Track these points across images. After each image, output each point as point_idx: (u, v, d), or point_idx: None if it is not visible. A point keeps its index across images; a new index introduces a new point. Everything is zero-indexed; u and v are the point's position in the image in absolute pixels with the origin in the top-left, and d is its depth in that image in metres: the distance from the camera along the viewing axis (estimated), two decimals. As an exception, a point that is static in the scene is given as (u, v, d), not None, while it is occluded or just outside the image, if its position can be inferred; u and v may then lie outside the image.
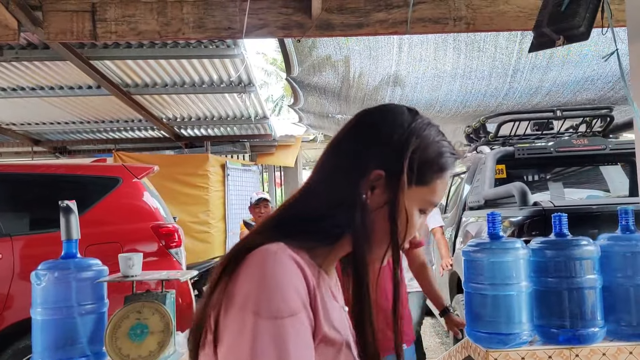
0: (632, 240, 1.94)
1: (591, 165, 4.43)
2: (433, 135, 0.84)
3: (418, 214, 0.84)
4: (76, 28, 3.23)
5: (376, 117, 0.85)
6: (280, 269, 0.70)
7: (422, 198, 0.83)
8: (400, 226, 0.80)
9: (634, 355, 1.86)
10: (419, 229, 0.86)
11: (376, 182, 0.80)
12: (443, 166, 0.83)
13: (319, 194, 0.82)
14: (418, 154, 0.81)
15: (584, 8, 2.17)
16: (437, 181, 0.83)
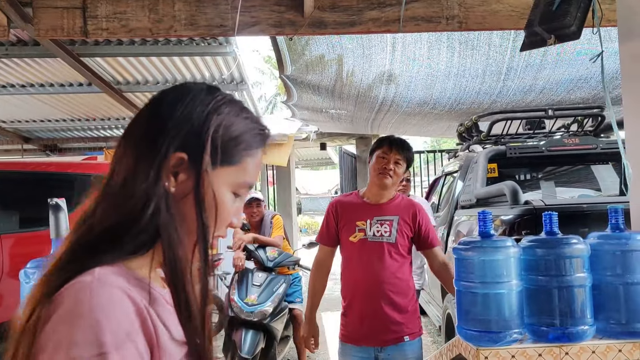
0: (621, 238, 1.95)
1: (582, 165, 4.46)
2: (237, 111, 0.78)
3: (231, 197, 0.78)
4: (67, 25, 3.20)
5: (172, 97, 0.77)
6: (97, 301, 0.62)
7: (233, 179, 0.78)
8: (208, 211, 0.74)
9: (622, 353, 1.87)
10: (236, 214, 0.80)
11: (179, 167, 0.73)
12: (251, 143, 0.79)
13: (117, 195, 0.72)
14: (221, 132, 0.75)
15: (575, 7, 2.18)
16: (247, 159, 0.78)
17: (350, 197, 2.66)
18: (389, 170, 2.45)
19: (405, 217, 2.50)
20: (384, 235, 2.46)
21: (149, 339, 0.66)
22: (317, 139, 9.70)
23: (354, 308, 2.51)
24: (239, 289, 4.11)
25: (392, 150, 2.48)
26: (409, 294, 2.52)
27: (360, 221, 2.51)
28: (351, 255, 2.53)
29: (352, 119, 6.58)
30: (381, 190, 2.51)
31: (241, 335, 3.91)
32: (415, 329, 2.51)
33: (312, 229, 21.26)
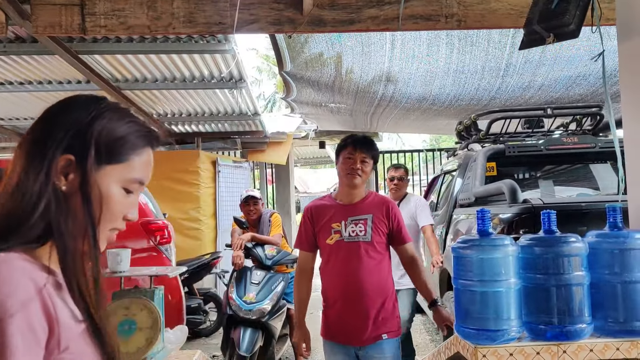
0: (619, 237, 1.96)
1: (581, 164, 4.46)
2: (120, 116, 0.88)
3: (121, 192, 0.87)
4: (65, 22, 3.19)
5: (61, 107, 0.88)
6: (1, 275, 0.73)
7: (120, 176, 0.86)
8: (95, 206, 0.83)
9: (620, 351, 1.87)
10: (129, 208, 0.89)
11: (68, 168, 0.83)
12: (136, 143, 0.88)
13: (13, 193, 0.81)
14: (104, 133, 0.84)
15: (574, 6, 2.18)
16: (133, 158, 0.88)
17: (324, 200, 2.70)
18: (357, 170, 2.49)
19: (379, 215, 2.52)
20: (360, 235, 2.48)
21: (47, 315, 0.75)
22: (316, 137, 9.68)
23: (334, 307, 2.54)
24: (237, 287, 4.11)
25: (357, 150, 2.52)
26: (387, 292, 2.52)
27: (335, 223, 2.54)
28: (329, 257, 2.57)
29: (351, 112, 6.56)
30: (352, 190, 2.55)
31: (239, 333, 3.91)
32: (393, 327, 2.51)
33: (311, 227, 21.22)
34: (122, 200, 0.88)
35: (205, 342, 5.75)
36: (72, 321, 0.80)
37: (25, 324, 0.72)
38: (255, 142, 8.64)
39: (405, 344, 3.68)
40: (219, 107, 6.84)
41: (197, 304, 5.65)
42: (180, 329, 2.51)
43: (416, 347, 4.59)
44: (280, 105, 23.27)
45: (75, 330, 0.80)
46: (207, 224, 7.15)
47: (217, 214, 7.44)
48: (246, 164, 8.83)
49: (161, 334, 2.07)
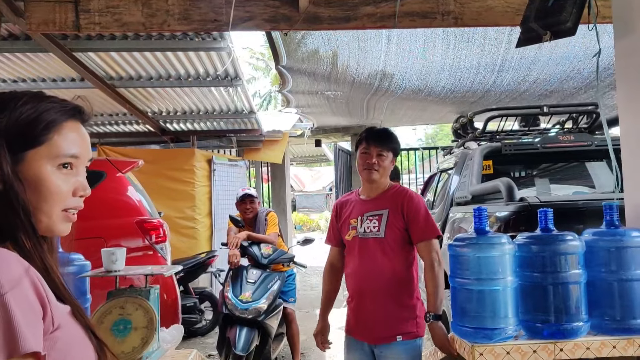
0: (616, 235, 1.95)
1: (577, 162, 4.46)
2: (26, 101, 0.87)
3: (57, 172, 0.87)
4: (58, 19, 3.17)
5: None
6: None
7: (47, 157, 0.86)
8: (30, 195, 0.84)
9: (617, 349, 1.87)
10: (74, 185, 0.88)
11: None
12: (51, 121, 0.87)
13: None
14: (11, 122, 0.84)
15: (571, 4, 2.18)
16: (52, 136, 0.86)
17: (350, 196, 2.66)
18: (373, 164, 2.42)
19: (395, 209, 2.41)
20: (373, 231, 2.42)
21: (39, 294, 0.77)
22: (312, 135, 9.67)
23: (351, 303, 2.52)
24: (233, 286, 4.09)
25: (372, 144, 2.45)
26: (403, 291, 2.40)
27: (353, 219, 2.50)
28: (348, 253, 2.54)
29: (347, 101, 6.52)
30: (370, 185, 2.49)
31: (235, 332, 3.89)
32: (410, 328, 2.38)
33: (307, 226, 21.25)
34: (61, 180, 0.87)
35: (201, 342, 5.73)
36: (58, 302, 0.82)
37: (23, 299, 0.73)
38: (251, 140, 8.62)
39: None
40: (215, 105, 6.82)
41: (193, 303, 5.64)
42: (176, 328, 2.49)
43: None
44: (276, 103, 23.26)
45: (63, 309, 0.82)
46: (202, 223, 7.12)
47: (212, 212, 7.42)
48: (242, 162, 8.81)
49: (156, 333, 2.06)
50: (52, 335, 0.78)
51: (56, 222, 0.87)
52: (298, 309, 5.51)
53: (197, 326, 5.78)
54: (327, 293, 2.68)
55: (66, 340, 0.80)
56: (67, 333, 0.81)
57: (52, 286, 0.83)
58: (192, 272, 5.78)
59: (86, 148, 0.92)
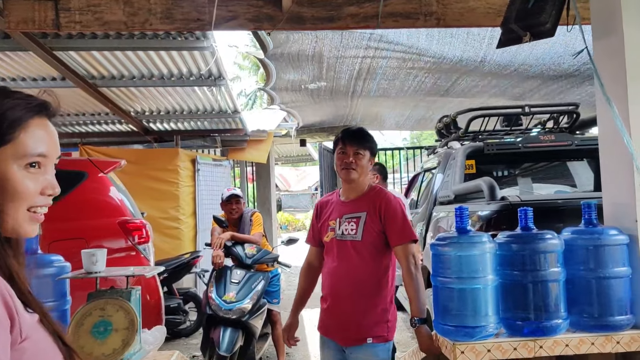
0: (594, 234, 1.99)
1: (558, 161, 4.52)
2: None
3: (23, 172, 0.84)
4: (38, 17, 3.13)
5: None
6: None
7: (13, 156, 0.83)
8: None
9: (595, 346, 1.90)
10: (42, 184, 0.86)
11: None
12: (17, 118, 0.84)
13: None
14: None
15: (551, 5, 2.20)
16: (19, 134, 0.84)
17: (331, 196, 2.66)
18: (351, 163, 2.41)
19: (372, 212, 2.40)
20: (350, 234, 2.41)
21: (8, 309, 0.75)
22: (297, 135, 9.65)
23: (324, 303, 2.52)
24: (217, 286, 4.07)
25: (348, 143, 2.44)
26: (378, 295, 2.38)
27: (332, 220, 2.50)
28: (326, 254, 2.55)
29: (331, 92, 6.45)
30: (349, 185, 2.48)
31: (219, 333, 3.88)
32: (381, 332, 2.36)
33: (293, 225, 21.23)
34: (28, 179, 0.84)
35: (186, 342, 5.70)
36: (26, 312, 0.80)
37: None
38: (236, 140, 8.58)
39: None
40: (198, 105, 6.78)
41: (177, 304, 5.60)
42: (158, 329, 2.47)
43: (397, 344, 4.59)
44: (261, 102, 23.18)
45: (31, 319, 0.81)
46: (186, 223, 7.08)
47: (196, 212, 7.38)
48: (226, 162, 8.76)
49: (138, 334, 2.04)
50: (20, 346, 0.76)
51: (22, 223, 0.84)
52: (283, 309, 5.50)
53: (181, 327, 5.74)
54: (301, 291, 2.68)
55: (34, 351, 0.79)
56: (35, 343, 0.80)
57: (18, 293, 0.81)
58: (176, 273, 5.74)
59: (54, 145, 0.89)
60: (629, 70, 2.01)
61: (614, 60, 2.07)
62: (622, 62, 2.02)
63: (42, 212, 0.87)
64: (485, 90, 5.94)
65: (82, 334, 1.98)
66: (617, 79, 2.06)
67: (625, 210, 2.04)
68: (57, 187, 0.88)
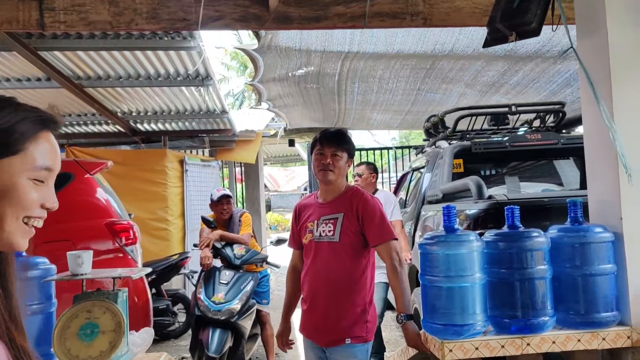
0: (580, 231, 2.01)
1: (545, 160, 4.56)
2: (1, 106, 0.85)
3: (29, 184, 0.84)
4: (22, 17, 3.09)
5: None
6: None
7: (21, 167, 0.83)
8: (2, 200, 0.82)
9: (581, 343, 1.92)
10: (43, 198, 0.86)
11: None
12: (27, 130, 0.84)
13: None
14: None
15: (536, 5, 2.22)
16: (28, 146, 0.84)
17: (309, 198, 2.66)
18: (328, 165, 2.41)
19: (350, 213, 2.40)
20: (328, 235, 2.41)
21: None
22: (286, 135, 9.64)
23: (306, 305, 2.53)
24: (205, 287, 4.05)
25: (325, 145, 2.45)
26: (356, 296, 2.38)
27: (310, 222, 2.51)
28: (305, 256, 2.55)
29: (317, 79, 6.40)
30: (327, 187, 2.49)
31: (208, 334, 3.86)
32: (360, 332, 2.37)
33: (282, 226, 21.19)
34: (32, 191, 0.84)
35: (175, 344, 5.66)
36: None
37: None
38: (224, 140, 8.55)
39: (374, 340, 3.69)
40: (186, 105, 6.75)
41: (166, 306, 5.56)
42: (146, 331, 2.46)
43: (386, 344, 4.63)
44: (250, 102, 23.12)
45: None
46: (175, 224, 7.04)
47: (185, 213, 7.34)
48: (214, 162, 8.73)
49: (125, 336, 2.02)
50: None
51: (16, 232, 0.83)
52: (273, 310, 5.49)
53: (170, 328, 5.71)
54: (289, 295, 2.68)
55: None
56: None
57: None
58: (165, 274, 5.70)
59: (58, 160, 0.89)
60: (613, 69, 2.03)
61: (599, 59, 2.10)
62: (606, 61, 2.04)
63: (35, 224, 0.86)
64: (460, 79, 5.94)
65: (69, 336, 1.96)
66: (601, 77, 2.08)
67: (610, 208, 2.06)
68: (56, 203, 0.88)
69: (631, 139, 2.00)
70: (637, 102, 2.04)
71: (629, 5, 2.05)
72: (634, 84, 2.04)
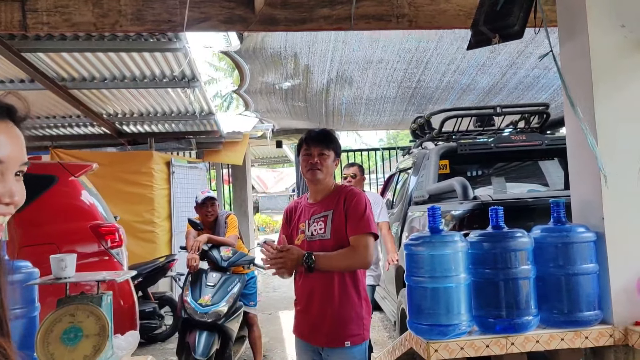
0: (562, 231, 2.03)
1: (530, 161, 4.60)
2: None
3: None
4: (4, 18, 3.05)
5: None
6: None
7: None
8: None
9: (565, 342, 1.94)
10: (4, 191, 0.82)
11: None
12: None
13: None
14: None
15: (518, 7, 2.25)
16: None
17: (299, 200, 2.67)
18: (316, 164, 2.43)
19: (338, 208, 2.41)
20: (319, 233, 2.42)
21: None
22: (273, 137, 9.63)
23: (299, 305, 2.52)
24: (192, 289, 4.03)
25: (312, 145, 2.46)
26: (350, 293, 2.38)
27: (301, 223, 2.52)
28: None
29: (305, 94, 6.45)
30: (315, 186, 2.50)
31: (195, 337, 3.84)
32: (357, 330, 2.37)
33: (270, 227, 21.17)
34: None
35: (162, 347, 5.63)
36: None
37: None
38: (211, 142, 8.51)
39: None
40: (172, 107, 6.71)
41: (152, 309, 5.52)
42: (131, 334, 2.44)
43: (374, 344, 4.64)
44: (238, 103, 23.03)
45: None
46: (161, 227, 6.99)
47: (172, 216, 7.30)
48: (201, 164, 8.69)
49: (109, 340, 2.01)
50: None
51: None
52: (260, 312, 5.48)
53: (157, 332, 5.67)
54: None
55: None
56: None
57: None
58: (152, 277, 5.66)
59: (15, 151, 0.84)
60: (594, 72, 2.06)
61: (580, 61, 2.12)
62: (587, 63, 2.07)
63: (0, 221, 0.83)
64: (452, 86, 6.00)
65: (52, 340, 1.94)
66: (583, 80, 2.11)
67: (592, 208, 2.09)
68: (16, 195, 0.83)
69: (611, 140, 2.03)
70: (618, 103, 2.07)
71: (610, 9, 2.08)
72: (615, 86, 2.07)
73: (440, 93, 6.13)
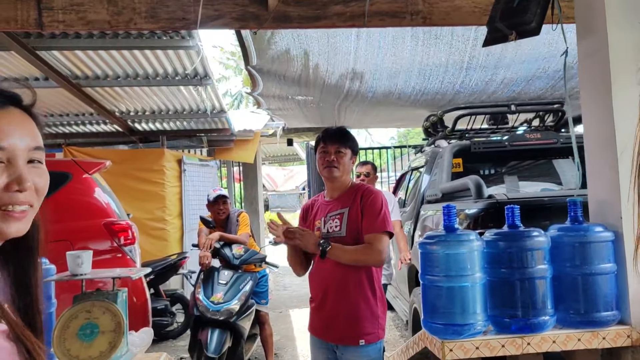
0: (580, 231, 2.00)
1: (544, 159, 4.55)
2: None
3: None
4: (20, 16, 3.07)
5: None
6: None
7: None
8: None
9: (582, 342, 1.92)
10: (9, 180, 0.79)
11: None
12: None
13: None
14: None
15: (535, 4, 2.22)
16: None
17: (317, 198, 2.68)
18: (333, 161, 2.44)
19: (354, 206, 2.41)
20: (335, 230, 2.42)
21: None
22: (284, 134, 9.64)
23: (314, 303, 2.51)
24: (204, 287, 4.05)
25: (329, 143, 2.47)
26: (366, 291, 2.37)
27: (317, 220, 2.52)
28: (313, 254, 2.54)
29: (318, 104, 6.52)
30: (332, 184, 2.51)
31: (207, 334, 3.85)
32: (372, 329, 2.35)
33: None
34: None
35: (173, 344, 5.66)
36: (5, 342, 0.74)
37: None
38: (222, 140, 8.54)
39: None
40: (184, 105, 6.74)
41: (164, 306, 5.55)
42: (145, 331, 2.45)
43: (385, 344, 4.61)
44: (247, 102, 23.10)
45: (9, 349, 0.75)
46: (173, 224, 7.03)
47: (183, 213, 7.33)
48: (213, 162, 8.72)
49: (125, 337, 2.02)
50: None
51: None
52: (272, 310, 5.49)
53: (168, 329, 5.70)
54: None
55: None
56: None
57: None
58: (163, 274, 5.69)
59: (20, 136, 0.80)
60: (613, 68, 2.03)
61: (598, 58, 2.09)
62: (606, 60, 2.04)
63: (17, 209, 0.79)
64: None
65: (68, 336, 1.95)
66: (601, 77, 2.08)
67: (610, 207, 2.06)
68: (27, 182, 0.80)
69: (630, 137, 2.00)
70: (637, 100, 2.04)
71: (629, 5, 2.05)
72: (634, 83, 2.04)
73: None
